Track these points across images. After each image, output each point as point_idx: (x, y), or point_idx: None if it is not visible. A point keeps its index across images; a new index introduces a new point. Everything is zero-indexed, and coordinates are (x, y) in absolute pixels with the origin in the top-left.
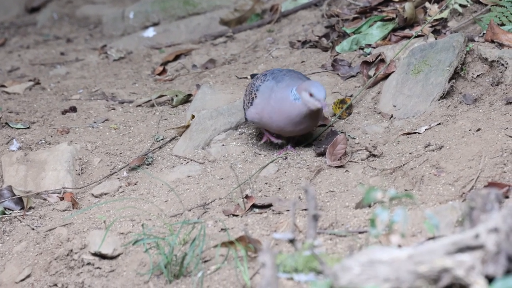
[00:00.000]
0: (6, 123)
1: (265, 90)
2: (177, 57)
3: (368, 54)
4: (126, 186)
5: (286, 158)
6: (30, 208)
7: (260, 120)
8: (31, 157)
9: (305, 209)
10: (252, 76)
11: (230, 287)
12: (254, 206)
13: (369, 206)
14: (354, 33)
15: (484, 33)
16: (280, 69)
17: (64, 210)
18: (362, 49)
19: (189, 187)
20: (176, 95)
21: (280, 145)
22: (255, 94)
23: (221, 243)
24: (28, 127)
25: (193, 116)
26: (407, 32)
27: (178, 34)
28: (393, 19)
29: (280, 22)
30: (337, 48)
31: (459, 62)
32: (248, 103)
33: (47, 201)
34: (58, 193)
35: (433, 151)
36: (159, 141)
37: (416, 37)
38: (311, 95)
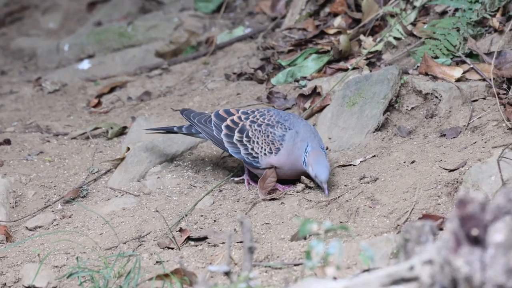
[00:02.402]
0: None
1: (290, 140)
2: (112, 89)
3: (304, 87)
4: (61, 219)
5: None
6: None
7: (277, 169)
8: None
9: (241, 242)
10: (185, 112)
11: None
12: (189, 238)
13: (305, 238)
14: (289, 65)
15: (418, 66)
16: (282, 112)
17: None
18: (298, 81)
19: (124, 219)
20: (111, 128)
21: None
22: (280, 144)
23: (156, 275)
24: None
25: (128, 149)
26: (342, 64)
27: (113, 66)
28: (328, 51)
29: (215, 54)
30: (273, 81)
31: (394, 94)
32: (268, 151)
33: None
34: None
35: (368, 183)
36: (94, 173)
37: (351, 69)
38: (315, 176)
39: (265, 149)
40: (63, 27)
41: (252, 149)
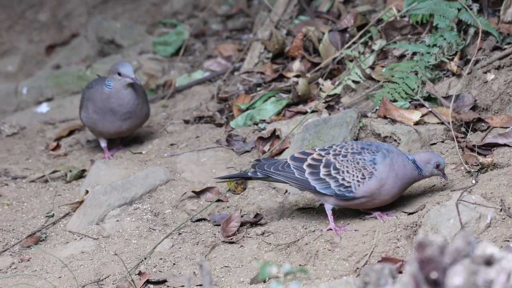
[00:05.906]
0: None
1: (383, 161)
2: (71, 132)
3: (263, 129)
4: (19, 262)
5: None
6: None
7: (377, 191)
8: None
9: (200, 285)
10: (257, 165)
11: None
12: (148, 282)
13: (264, 282)
14: (248, 108)
15: (377, 109)
16: (359, 141)
17: None
18: (257, 124)
19: (83, 263)
20: (70, 171)
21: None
22: (373, 167)
23: None
24: None
25: (87, 192)
26: (301, 107)
27: (72, 109)
28: (288, 92)
29: (174, 97)
30: (232, 123)
31: (353, 137)
32: (361, 177)
33: None
34: None
35: None
36: (52, 217)
37: (310, 112)
38: (438, 166)
39: (357, 176)
40: (21, 70)
41: (343, 179)
